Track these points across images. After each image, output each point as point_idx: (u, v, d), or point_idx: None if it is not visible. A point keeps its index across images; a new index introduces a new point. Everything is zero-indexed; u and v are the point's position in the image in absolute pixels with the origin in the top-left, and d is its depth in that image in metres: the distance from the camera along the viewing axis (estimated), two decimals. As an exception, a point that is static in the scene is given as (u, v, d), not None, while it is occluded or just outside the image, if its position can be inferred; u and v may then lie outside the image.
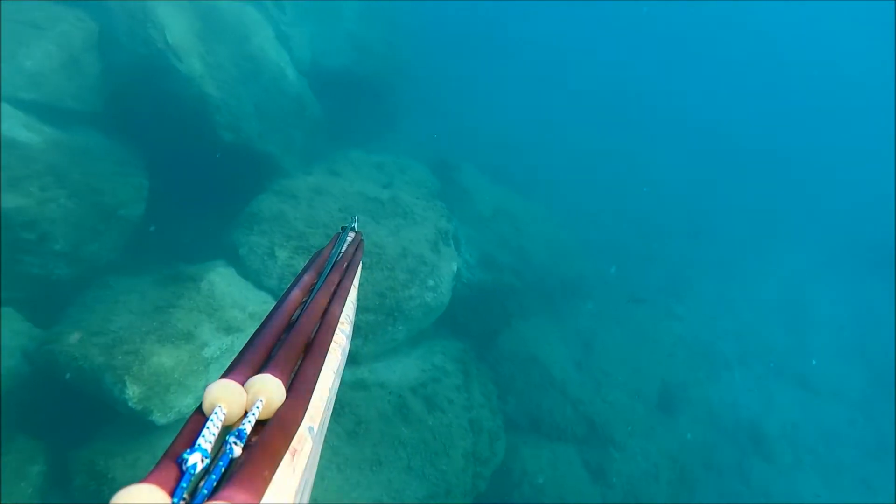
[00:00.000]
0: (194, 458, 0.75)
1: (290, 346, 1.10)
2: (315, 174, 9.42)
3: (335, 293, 1.47)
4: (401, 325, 8.03)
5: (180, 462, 0.75)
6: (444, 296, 8.27)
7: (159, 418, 6.40)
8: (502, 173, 13.09)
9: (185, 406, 6.59)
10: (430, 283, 8.13)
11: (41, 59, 8.22)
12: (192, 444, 0.78)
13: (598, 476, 8.24)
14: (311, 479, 1.02)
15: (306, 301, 1.34)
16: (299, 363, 1.10)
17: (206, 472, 0.76)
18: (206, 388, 0.90)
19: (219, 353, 6.92)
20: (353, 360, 8.01)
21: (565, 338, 9.72)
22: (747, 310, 14.45)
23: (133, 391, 6.22)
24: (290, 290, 1.35)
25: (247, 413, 0.90)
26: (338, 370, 1.31)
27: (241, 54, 10.15)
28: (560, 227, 11.80)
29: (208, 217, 9.18)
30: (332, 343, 1.27)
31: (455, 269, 8.49)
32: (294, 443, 0.91)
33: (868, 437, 11.81)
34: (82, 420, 6.64)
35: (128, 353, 6.49)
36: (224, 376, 0.95)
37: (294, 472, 0.87)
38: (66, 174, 7.96)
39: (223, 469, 0.77)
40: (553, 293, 10.57)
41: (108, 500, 0.64)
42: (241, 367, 0.98)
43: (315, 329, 1.25)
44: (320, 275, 1.53)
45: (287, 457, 0.87)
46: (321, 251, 1.77)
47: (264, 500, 0.75)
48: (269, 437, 0.86)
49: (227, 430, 0.87)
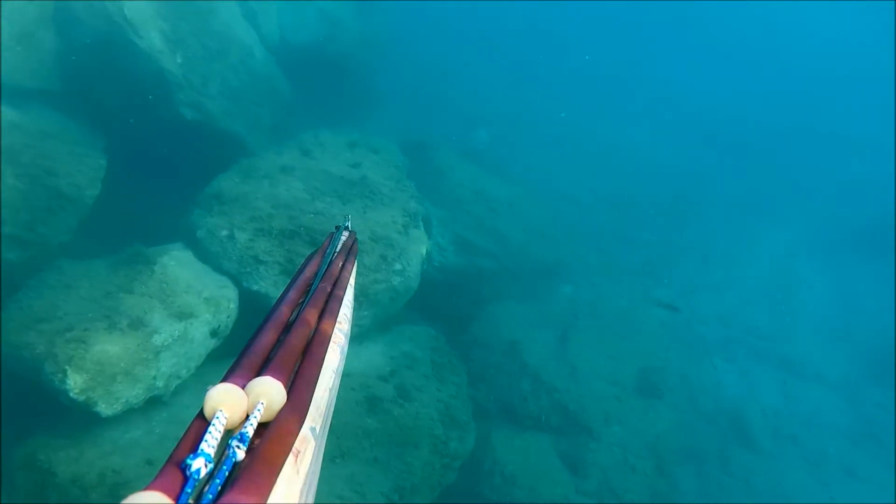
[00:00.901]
0: (198, 464, 0.75)
1: (288, 347, 1.10)
2: (282, 154, 9.04)
3: (331, 293, 1.48)
4: (366, 310, 7.69)
5: (184, 468, 0.75)
6: (412, 280, 7.93)
7: (105, 410, 6.08)
8: (480, 155, 12.73)
9: (133, 397, 6.25)
10: (398, 266, 7.79)
11: (-8, 36, 7.84)
12: (194, 450, 0.78)
13: (572, 466, 7.95)
14: (315, 479, 1.01)
15: (303, 302, 1.35)
16: (298, 364, 1.10)
17: (210, 476, 0.76)
18: (206, 392, 0.90)
19: (170, 340, 6.57)
20: (316, 347, 7.67)
21: (541, 323, 9.40)
22: (731, 293, 14.18)
23: (75, 381, 5.88)
24: (286, 292, 1.37)
25: (248, 416, 0.89)
26: (337, 370, 1.32)
27: (206, 31, 9.78)
28: (539, 209, 11.42)
29: (170, 198, 8.82)
30: (331, 343, 1.28)
31: (424, 252, 8.14)
32: (297, 444, 0.91)
33: (852, 424, 11.58)
34: (24, 412, 6.29)
35: (71, 340, 6.14)
36: (224, 380, 0.95)
37: (298, 473, 0.88)
38: (18, 155, 7.62)
39: (227, 473, 0.77)
40: (530, 277, 10.25)
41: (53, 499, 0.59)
42: (240, 371, 0.98)
43: (313, 330, 1.25)
44: (316, 275, 1.54)
45: (290, 458, 0.87)
46: (316, 251, 1.79)
47: (269, 502, 0.75)
48: (272, 439, 0.87)
49: (229, 433, 0.87)
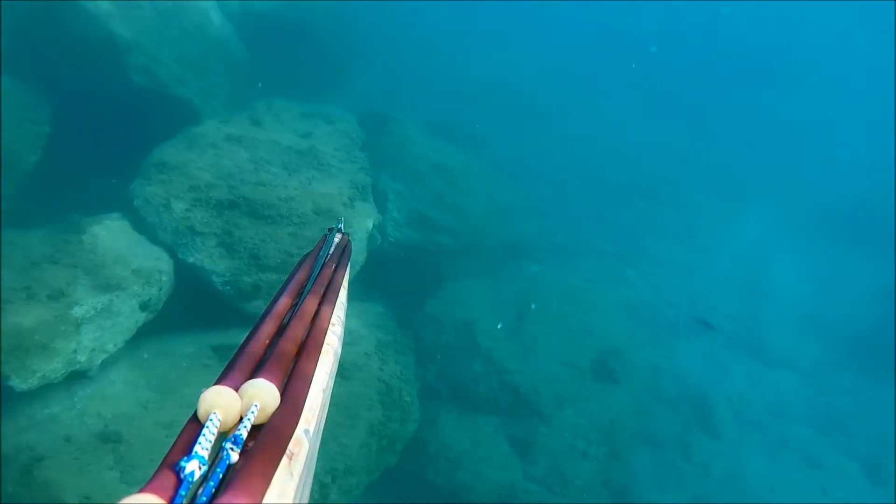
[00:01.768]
0: (192, 466, 0.75)
1: (282, 349, 1.10)
2: (232, 122, 8.68)
3: (325, 295, 1.48)
4: (308, 285, 7.40)
5: (178, 470, 0.74)
6: (355, 254, 7.62)
7: (19, 384, 5.82)
8: (446, 128, 12.34)
9: (52, 371, 5.97)
10: (341, 240, 7.48)
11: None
12: (188, 452, 0.77)
13: (520, 450, 7.69)
14: (309, 481, 1.03)
15: (296, 304, 1.35)
16: (292, 367, 1.10)
17: (204, 479, 0.76)
18: (199, 395, 0.90)
19: (93, 312, 6.28)
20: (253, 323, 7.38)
21: (499, 302, 9.10)
22: (703, 275, 13.84)
23: (-17, 354, 5.59)
24: (279, 294, 1.37)
25: (242, 419, 0.90)
26: (331, 372, 1.33)
27: (158, -8, 9.44)
28: (504, 186, 11.05)
29: (117, 166, 8.49)
30: (324, 345, 1.28)
31: (370, 226, 7.82)
32: (290, 446, 0.90)
33: (818, 412, 11.32)
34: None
35: (-14, 312, 5.85)
36: (217, 382, 0.95)
37: (292, 475, 0.87)
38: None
39: (221, 476, 0.77)
40: (492, 255, 9.94)
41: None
42: (234, 373, 0.98)
43: (306, 332, 1.25)
44: (309, 277, 1.54)
45: (284, 460, 0.86)
46: (308, 254, 1.79)
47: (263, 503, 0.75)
48: (266, 441, 0.86)
49: (222, 436, 0.86)
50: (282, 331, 1.18)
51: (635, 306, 10.77)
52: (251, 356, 1.05)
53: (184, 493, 0.70)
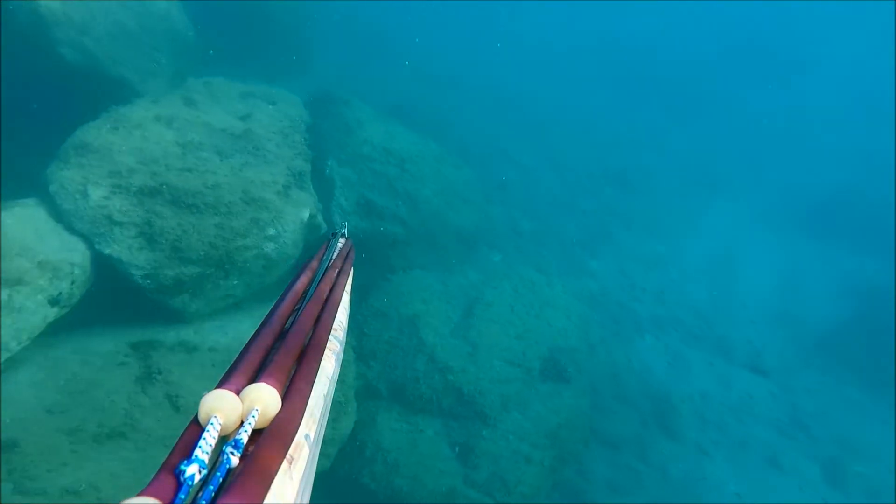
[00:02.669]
0: (192, 470, 0.74)
1: (284, 353, 1.09)
2: (162, 103, 8.13)
3: (327, 299, 1.46)
4: (235, 278, 6.92)
5: (178, 473, 0.73)
6: (288, 247, 7.13)
7: None
8: (408, 112, 11.79)
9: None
10: (271, 231, 6.99)
11: None
12: (188, 456, 0.77)
13: (462, 454, 7.29)
14: (309, 486, 1.00)
15: (298, 308, 1.34)
16: (294, 371, 1.09)
17: (204, 483, 0.75)
18: (201, 398, 0.89)
19: (-13, 309, 5.76)
20: (178, 318, 6.91)
21: (448, 296, 8.64)
22: (671, 268, 13.42)
23: None
24: (282, 298, 1.36)
25: (243, 423, 0.88)
26: (332, 377, 1.31)
27: (92, -39, 8.81)
28: (464, 171, 10.49)
29: (47, 149, 7.95)
30: (326, 350, 1.26)
31: (306, 216, 7.32)
32: (291, 451, 0.89)
33: (782, 412, 10.96)
34: None
35: None
36: (219, 386, 0.93)
37: (291, 480, 0.85)
38: None
39: (221, 480, 0.76)
40: (446, 245, 9.45)
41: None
42: (235, 377, 0.97)
43: (308, 336, 1.24)
44: (312, 281, 1.53)
45: (284, 465, 0.85)
46: (312, 257, 1.78)
47: None
48: (266, 446, 0.85)
49: (223, 440, 0.85)
50: (284, 335, 1.18)
51: (598, 300, 10.36)
52: (253, 360, 1.04)
53: (183, 496, 0.69)
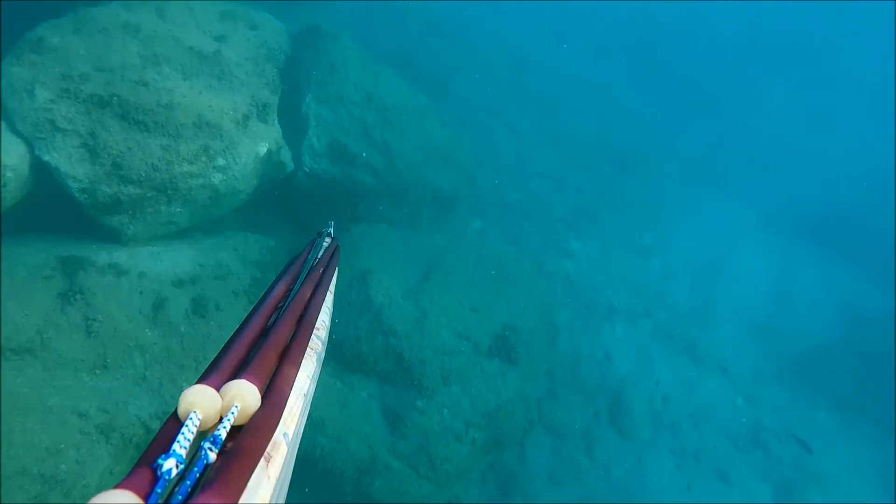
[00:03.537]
0: (169, 464, 0.74)
1: (265, 351, 1.09)
2: (134, 9, 7.61)
3: (311, 299, 1.49)
4: (178, 206, 6.54)
5: (155, 467, 0.73)
6: (238, 181, 6.72)
7: None
8: (405, 58, 11.17)
9: None
10: (221, 162, 6.57)
11: None
12: (167, 450, 0.76)
13: (392, 422, 6.98)
14: (286, 484, 1.00)
15: (282, 307, 1.35)
16: (275, 369, 1.09)
17: (181, 477, 0.75)
18: (181, 393, 0.88)
19: None
20: (115, 239, 6.56)
21: (409, 257, 8.23)
22: (655, 260, 12.87)
23: None
24: (266, 296, 1.35)
25: (222, 419, 0.88)
26: (313, 376, 1.34)
27: None
28: (452, 129, 9.92)
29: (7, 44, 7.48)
30: (308, 349, 1.27)
31: (263, 151, 6.88)
32: (269, 449, 0.88)
33: (742, 426, 10.56)
34: None
35: None
36: (199, 381, 0.92)
37: (269, 478, 0.85)
38: None
39: (198, 475, 0.76)
40: (419, 203, 8.98)
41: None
42: (216, 373, 0.97)
43: (290, 335, 1.25)
44: (296, 280, 1.54)
45: (262, 463, 0.84)
46: (297, 257, 1.79)
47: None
48: (244, 443, 0.85)
49: (202, 435, 0.85)
50: (266, 333, 1.19)
51: (573, 282, 9.92)
52: (234, 357, 1.04)
53: (160, 490, 0.69)
